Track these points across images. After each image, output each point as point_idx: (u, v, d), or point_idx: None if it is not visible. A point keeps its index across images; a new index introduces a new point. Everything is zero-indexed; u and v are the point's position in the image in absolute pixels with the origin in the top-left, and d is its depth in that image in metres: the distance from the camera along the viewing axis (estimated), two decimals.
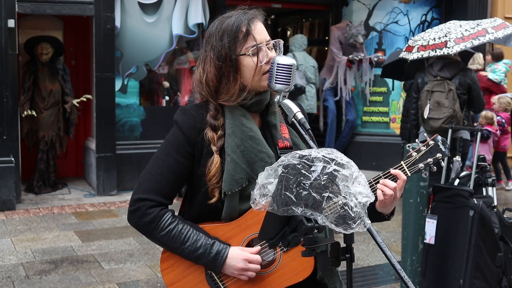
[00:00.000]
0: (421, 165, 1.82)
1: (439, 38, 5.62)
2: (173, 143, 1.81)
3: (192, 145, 1.79)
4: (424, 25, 8.97)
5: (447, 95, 5.62)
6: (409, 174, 1.82)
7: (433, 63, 5.84)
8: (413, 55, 5.71)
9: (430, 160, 1.83)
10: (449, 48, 5.48)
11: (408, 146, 1.88)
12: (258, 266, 1.75)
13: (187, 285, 1.83)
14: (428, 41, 5.67)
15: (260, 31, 1.79)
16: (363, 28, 8.79)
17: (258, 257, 1.76)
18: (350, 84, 8.87)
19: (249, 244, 1.80)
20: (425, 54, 5.62)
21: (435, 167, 1.84)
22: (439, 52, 5.52)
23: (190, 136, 1.78)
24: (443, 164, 1.87)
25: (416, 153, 1.84)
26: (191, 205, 1.88)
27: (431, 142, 1.84)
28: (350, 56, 8.68)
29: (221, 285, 1.81)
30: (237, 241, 1.79)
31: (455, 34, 5.55)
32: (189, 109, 1.83)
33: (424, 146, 1.84)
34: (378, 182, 1.79)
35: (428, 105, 5.65)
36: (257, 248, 1.77)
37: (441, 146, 1.83)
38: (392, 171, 1.77)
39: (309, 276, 1.78)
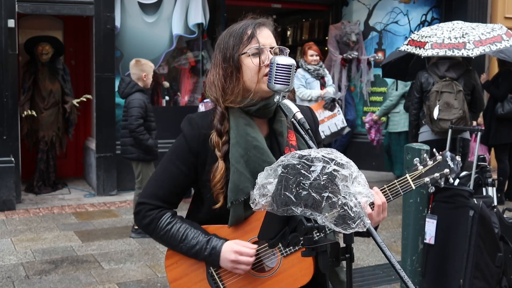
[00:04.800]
0: (426, 179, 1.81)
1: (455, 38, 5.54)
2: (176, 151, 1.86)
3: (195, 155, 1.82)
4: (424, 25, 8.95)
5: (456, 96, 5.57)
6: (413, 188, 1.81)
7: (438, 63, 5.77)
8: (427, 52, 5.58)
9: (436, 175, 1.81)
10: (468, 50, 5.41)
11: (416, 160, 1.86)
12: (250, 259, 1.75)
13: (189, 282, 1.85)
14: (443, 39, 5.57)
15: (265, 36, 1.82)
16: (357, 27, 8.79)
17: (249, 250, 1.76)
18: (344, 83, 8.88)
19: None
20: (441, 52, 5.53)
21: (442, 183, 1.81)
22: (457, 53, 5.46)
23: (194, 146, 1.82)
24: (451, 180, 1.84)
25: (422, 167, 1.82)
26: (198, 210, 1.91)
27: (439, 157, 1.83)
28: (344, 55, 8.70)
29: (220, 285, 1.81)
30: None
31: (473, 37, 5.49)
32: (194, 118, 1.86)
33: (431, 160, 1.83)
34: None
35: (438, 106, 5.59)
36: (250, 242, 1.78)
37: (450, 162, 1.82)
38: (372, 191, 1.75)
39: (309, 282, 1.78)
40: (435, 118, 5.59)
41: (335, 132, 7.38)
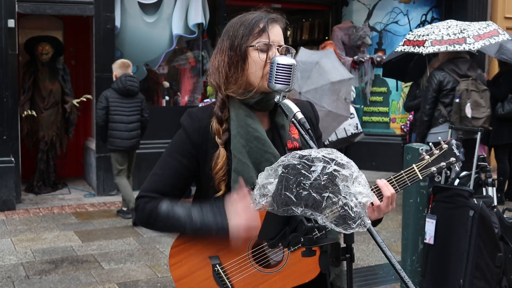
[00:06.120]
0: (433, 168, 1.81)
1: (454, 34, 5.58)
2: (176, 144, 1.85)
3: (196, 147, 1.81)
4: (424, 25, 8.96)
5: (481, 95, 5.60)
6: (421, 178, 1.81)
7: (456, 61, 5.72)
8: (427, 49, 5.59)
9: (443, 164, 1.81)
10: (469, 44, 5.45)
11: (421, 149, 1.86)
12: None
13: (194, 280, 1.84)
14: (442, 36, 5.60)
15: (276, 33, 1.82)
16: (369, 29, 8.79)
17: (244, 191, 1.71)
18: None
19: (257, 243, 1.80)
20: (442, 48, 5.55)
21: (448, 172, 1.83)
22: (458, 47, 5.48)
23: (195, 138, 1.81)
24: (457, 168, 1.85)
25: (428, 157, 1.82)
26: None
27: (445, 146, 1.82)
28: (355, 57, 8.67)
29: (227, 282, 1.81)
30: (244, 240, 1.79)
31: (472, 32, 5.54)
32: (195, 112, 1.86)
33: (437, 149, 1.82)
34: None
35: (469, 104, 5.58)
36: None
37: (455, 150, 1.81)
38: (381, 182, 1.76)
39: (316, 277, 1.78)
40: (469, 116, 5.57)
41: (343, 138, 6.72)
